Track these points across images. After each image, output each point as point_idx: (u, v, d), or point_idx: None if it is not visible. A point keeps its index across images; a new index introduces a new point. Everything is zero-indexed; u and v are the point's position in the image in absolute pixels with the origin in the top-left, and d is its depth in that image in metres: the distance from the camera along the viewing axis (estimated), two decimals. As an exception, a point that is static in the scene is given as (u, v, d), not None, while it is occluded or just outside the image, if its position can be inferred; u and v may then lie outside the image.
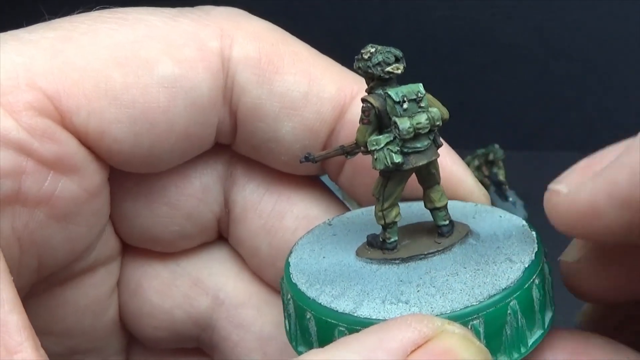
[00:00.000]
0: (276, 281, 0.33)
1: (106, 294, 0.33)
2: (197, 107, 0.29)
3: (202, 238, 0.34)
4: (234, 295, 0.34)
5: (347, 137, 0.31)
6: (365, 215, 0.31)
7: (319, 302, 0.26)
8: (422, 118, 0.27)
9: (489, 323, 0.25)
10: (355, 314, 0.25)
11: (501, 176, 0.91)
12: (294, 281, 0.27)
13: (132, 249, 0.34)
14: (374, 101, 0.27)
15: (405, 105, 0.27)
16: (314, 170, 0.33)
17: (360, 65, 0.27)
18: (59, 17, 0.29)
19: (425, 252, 0.27)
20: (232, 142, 0.32)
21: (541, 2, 1.03)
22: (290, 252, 0.29)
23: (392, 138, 0.26)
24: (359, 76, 0.31)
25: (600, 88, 1.05)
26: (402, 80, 0.28)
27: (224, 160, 0.33)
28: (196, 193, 0.32)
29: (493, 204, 0.32)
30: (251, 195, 0.33)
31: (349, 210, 0.34)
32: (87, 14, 0.29)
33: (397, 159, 0.26)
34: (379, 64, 0.27)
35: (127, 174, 0.31)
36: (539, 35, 1.05)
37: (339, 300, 0.26)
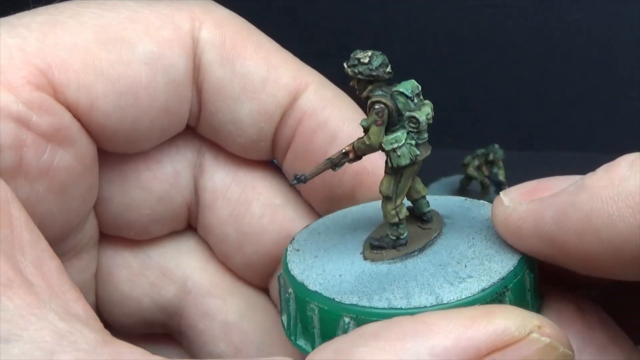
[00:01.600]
0: (242, 267, 0.35)
1: (89, 279, 0.35)
2: (175, 84, 0.31)
3: (172, 224, 0.35)
4: (201, 285, 0.36)
5: (296, 120, 0.33)
6: (315, 232, 0.31)
7: (399, 306, 0.25)
8: (428, 109, 0.28)
9: (532, 272, 0.27)
10: (445, 302, 0.25)
11: (501, 176, 0.90)
12: (348, 302, 0.26)
13: (105, 237, 0.35)
14: (386, 101, 0.27)
15: (415, 100, 0.28)
16: (267, 155, 0.34)
17: (361, 69, 0.27)
18: (43, 5, 0.31)
19: (432, 238, 0.28)
20: (197, 124, 0.34)
21: (541, 2, 1.03)
22: (301, 284, 0.27)
23: (406, 133, 0.27)
24: (313, 69, 0.33)
25: (600, 88, 1.05)
26: (400, 78, 0.28)
27: (193, 148, 0.35)
28: (168, 178, 0.34)
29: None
30: (219, 183, 0.35)
31: (299, 195, 0.35)
32: (69, 2, 0.32)
33: (417, 151, 0.27)
34: (380, 65, 0.27)
35: (104, 156, 0.32)
36: (539, 35, 1.05)
37: (414, 299, 0.25)
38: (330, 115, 0.33)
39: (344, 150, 0.28)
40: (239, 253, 0.35)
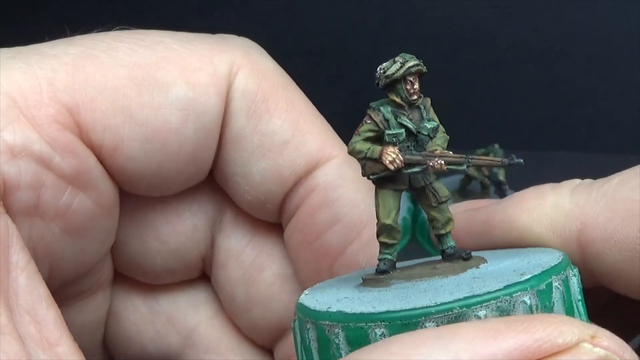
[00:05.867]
0: (248, 328, 0.35)
1: (102, 317, 0.34)
2: (206, 130, 0.30)
3: (185, 274, 0.35)
4: (205, 339, 0.35)
5: (307, 191, 0.31)
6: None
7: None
8: None
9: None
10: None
11: (501, 176, 0.90)
12: None
13: (118, 276, 0.35)
14: None
15: None
16: (273, 218, 0.33)
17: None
18: (79, 34, 0.30)
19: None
20: (214, 169, 0.32)
21: (541, 2, 1.03)
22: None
23: None
24: (341, 142, 0.32)
25: (600, 88, 1.05)
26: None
27: (215, 203, 0.34)
28: (186, 231, 0.33)
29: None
30: (235, 244, 0.34)
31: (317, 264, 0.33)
32: (106, 33, 0.30)
33: None
34: None
35: (124, 201, 0.31)
36: (539, 35, 1.05)
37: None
38: (342, 196, 0.31)
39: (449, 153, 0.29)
40: (246, 315, 0.34)
